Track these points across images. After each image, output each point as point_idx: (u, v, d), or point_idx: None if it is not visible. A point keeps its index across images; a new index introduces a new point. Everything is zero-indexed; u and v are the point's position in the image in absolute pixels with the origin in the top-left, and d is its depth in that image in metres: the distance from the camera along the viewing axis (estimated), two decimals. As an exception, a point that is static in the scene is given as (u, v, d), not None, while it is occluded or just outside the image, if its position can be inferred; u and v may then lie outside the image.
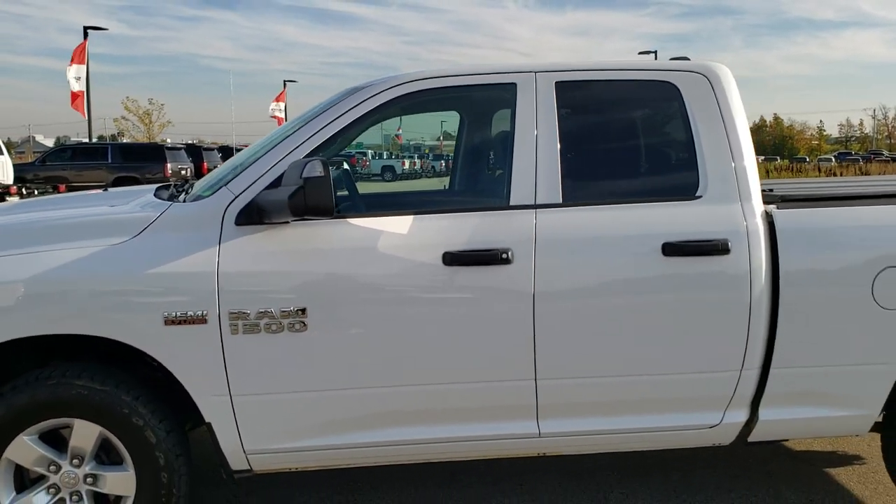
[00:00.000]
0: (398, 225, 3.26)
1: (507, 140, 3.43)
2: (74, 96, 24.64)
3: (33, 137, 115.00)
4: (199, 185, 3.66)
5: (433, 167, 13.86)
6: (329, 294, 3.17)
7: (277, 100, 44.08)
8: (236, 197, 3.21)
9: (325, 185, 2.95)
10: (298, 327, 3.13)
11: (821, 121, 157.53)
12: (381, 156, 23.92)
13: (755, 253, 3.31)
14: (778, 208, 3.45)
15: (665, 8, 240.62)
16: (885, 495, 3.95)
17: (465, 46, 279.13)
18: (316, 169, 2.95)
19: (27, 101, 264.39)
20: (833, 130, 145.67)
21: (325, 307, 3.16)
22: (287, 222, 3.15)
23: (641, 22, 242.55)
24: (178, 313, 3.07)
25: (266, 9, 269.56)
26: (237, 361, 3.13)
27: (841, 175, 29.97)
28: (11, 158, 20.65)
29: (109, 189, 4.76)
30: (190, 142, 42.49)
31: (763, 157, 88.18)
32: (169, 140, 43.45)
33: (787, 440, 3.92)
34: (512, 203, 3.33)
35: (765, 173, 35.03)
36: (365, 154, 26.44)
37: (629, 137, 3.71)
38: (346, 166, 4.15)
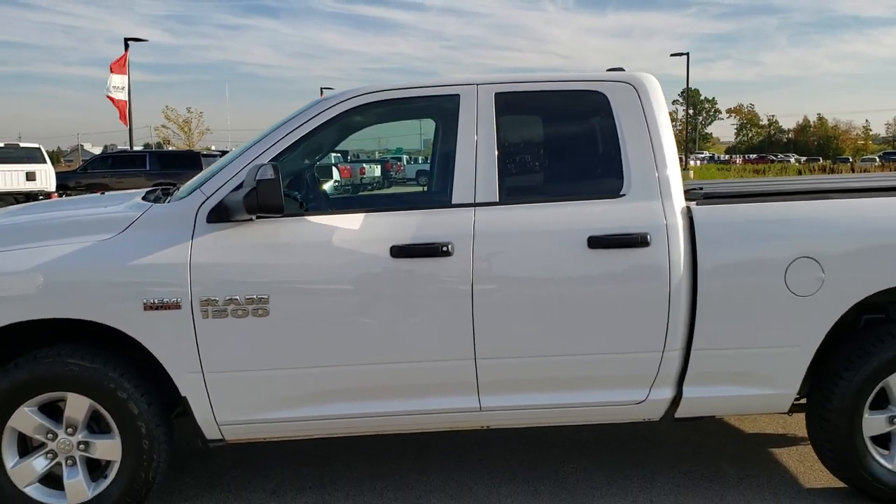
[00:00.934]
0: (351, 222, 3.68)
1: (452, 145, 3.82)
2: (117, 105, 25.47)
3: (82, 146, 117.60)
4: (182, 188, 4.10)
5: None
6: (288, 283, 3.59)
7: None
8: (207, 198, 3.65)
9: (275, 186, 3.37)
10: (261, 313, 3.56)
11: (867, 120, 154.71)
12: (416, 160, 24.45)
13: (674, 245, 3.66)
14: (697, 205, 3.80)
15: (708, 8, 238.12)
16: (818, 472, 4.24)
17: (504, 50, 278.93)
18: (267, 173, 3.38)
19: (76, 111, 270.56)
20: (881, 130, 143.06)
21: (284, 295, 3.59)
22: (251, 219, 3.58)
23: (684, 22, 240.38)
24: (156, 300, 3.52)
25: (308, 16, 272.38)
26: (208, 342, 3.57)
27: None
28: (62, 166, 21.49)
29: (106, 193, 5.24)
30: (229, 149, 43.40)
31: (805, 159, 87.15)
32: (213, 147, 44.53)
33: (713, 416, 4.22)
34: (454, 202, 3.72)
35: (783, 172, 34.80)
36: (400, 159, 27.02)
37: (561, 142, 4.10)
38: (316, 174, 4.55)
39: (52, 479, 3.70)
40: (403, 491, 4.14)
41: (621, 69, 4.09)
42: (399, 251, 3.61)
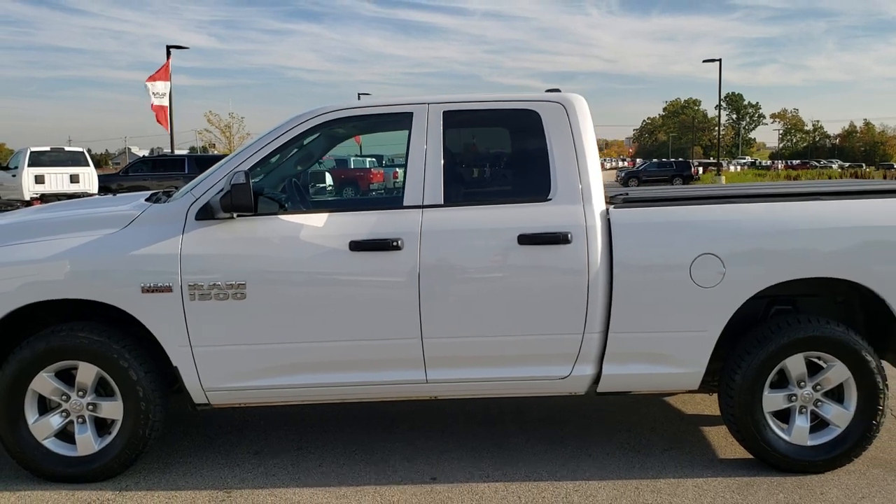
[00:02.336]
0: (317, 220, 4.34)
1: (405, 155, 4.47)
2: (157, 111, 26.49)
3: (129, 149, 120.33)
4: (179, 191, 4.79)
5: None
6: (263, 272, 4.26)
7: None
8: (196, 199, 4.34)
9: (245, 189, 4.05)
10: (240, 296, 4.24)
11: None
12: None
13: (592, 242, 4.26)
14: (615, 208, 4.39)
15: (754, 11, 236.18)
16: (736, 445, 4.77)
17: (547, 54, 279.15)
18: (239, 178, 4.06)
19: (124, 115, 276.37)
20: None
21: (259, 282, 4.25)
22: (233, 217, 4.25)
23: (729, 26, 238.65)
24: (151, 284, 4.21)
25: (351, 20, 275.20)
26: (195, 320, 4.25)
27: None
28: (110, 169, 22.52)
29: (117, 195, 5.97)
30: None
31: (848, 165, 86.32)
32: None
33: (632, 392, 4.76)
34: (405, 204, 4.37)
35: (818, 177, 34.97)
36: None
37: (499, 153, 4.73)
38: (295, 180, 5.19)
39: (65, 435, 4.40)
40: (369, 454, 4.79)
41: (558, 90, 4.70)
42: (356, 245, 4.26)
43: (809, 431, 4.45)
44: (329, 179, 5.60)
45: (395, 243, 4.25)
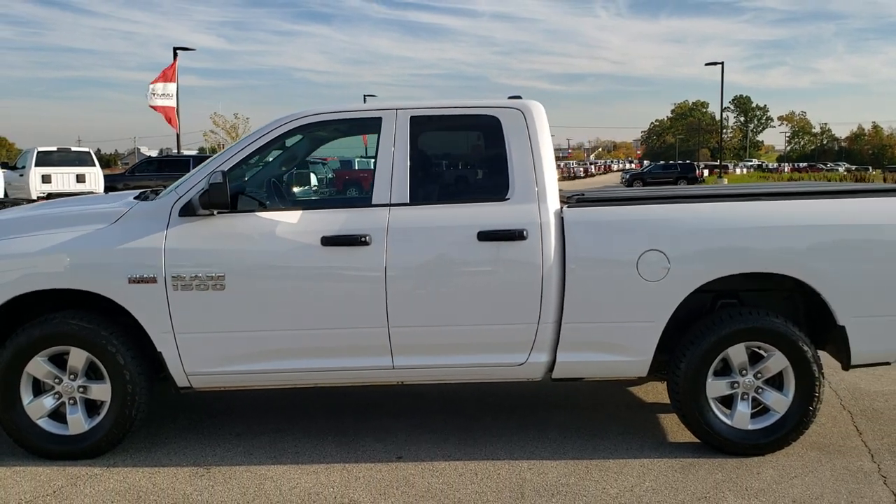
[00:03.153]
0: (292, 217, 4.68)
1: (374, 158, 4.81)
2: (164, 112, 26.92)
3: (138, 149, 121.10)
4: (166, 190, 5.13)
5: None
6: (240, 265, 4.60)
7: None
8: (180, 197, 4.69)
9: (222, 188, 4.39)
10: (219, 287, 4.58)
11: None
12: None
13: (546, 239, 4.59)
14: (569, 207, 4.72)
15: (763, 14, 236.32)
16: (684, 431, 5.09)
17: (555, 55, 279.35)
18: (217, 178, 4.41)
19: (133, 115, 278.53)
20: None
21: (237, 274, 4.59)
22: (213, 214, 4.60)
23: (738, 28, 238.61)
24: (137, 275, 4.56)
25: (360, 22, 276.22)
26: (177, 309, 4.59)
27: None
28: (119, 169, 22.90)
29: (110, 193, 6.32)
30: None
31: (854, 168, 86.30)
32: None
33: (584, 378, 5.07)
34: (373, 202, 4.70)
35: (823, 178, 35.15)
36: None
37: (461, 156, 5.09)
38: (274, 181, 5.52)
39: (58, 415, 4.75)
40: (341, 436, 5.13)
41: (519, 97, 5.03)
42: (328, 241, 4.59)
43: (751, 416, 4.77)
44: (314, 180, 5.93)
45: (363, 239, 4.58)
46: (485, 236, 4.58)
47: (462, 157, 5.12)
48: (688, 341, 4.71)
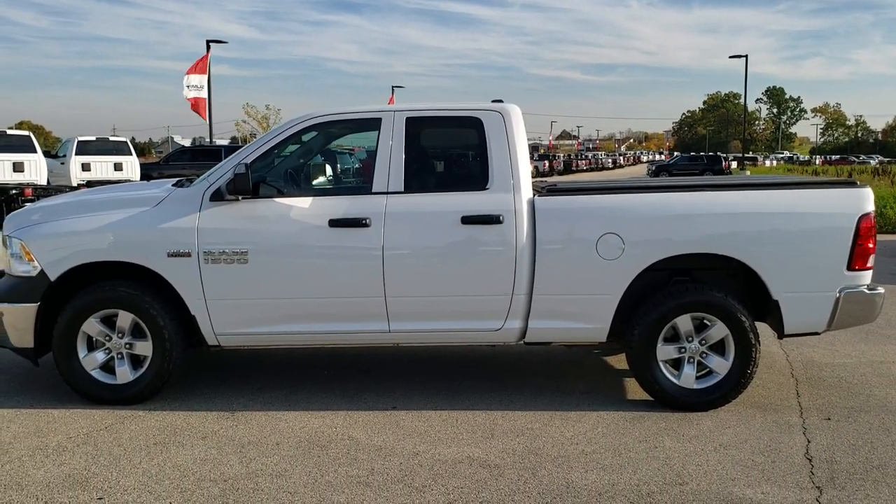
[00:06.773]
0: (304, 203, 5.53)
1: (374, 152, 5.65)
2: (194, 103, 27.96)
3: (172, 138, 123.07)
4: (200, 178, 6.00)
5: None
6: (261, 242, 5.47)
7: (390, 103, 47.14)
8: (210, 185, 5.56)
9: (245, 177, 5.26)
10: (243, 261, 5.45)
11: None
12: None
13: (519, 223, 5.41)
14: (539, 196, 5.54)
15: (798, 3, 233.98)
16: (643, 392, 5.87)
17: (586, 45, 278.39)
18: (241, 168, 5.28)
19: (167, 104, 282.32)
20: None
21: (258, 250, 5.46)
22: (238, 199, 5.46)
23: (773, 19, 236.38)
24: (175, 250, 5.45)
25: (391, 12, 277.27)
26: (208, 279, 5.48)
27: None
28: (153, 157, 23.76)
29: (151, 181, 7.23)
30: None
31: (888, 160, 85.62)
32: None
33: (553, 342, 5.86)
34: (373, 190, 5.54)
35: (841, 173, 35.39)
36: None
37: (448, 151, 5.91)
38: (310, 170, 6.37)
39: (107, 368, 5.67)
40: (345, 391, 5.99)
41: (501, 101, 5.84)
42: (334, 223, 5.45)
43: (696, 377, 5.55)
44: (329, 171, 6.80)
45: (364, 221, 5.43)
46: (467, 220, 5.40)
47: (449, 152, 5.99)
48: (642, 312, 5.50)
